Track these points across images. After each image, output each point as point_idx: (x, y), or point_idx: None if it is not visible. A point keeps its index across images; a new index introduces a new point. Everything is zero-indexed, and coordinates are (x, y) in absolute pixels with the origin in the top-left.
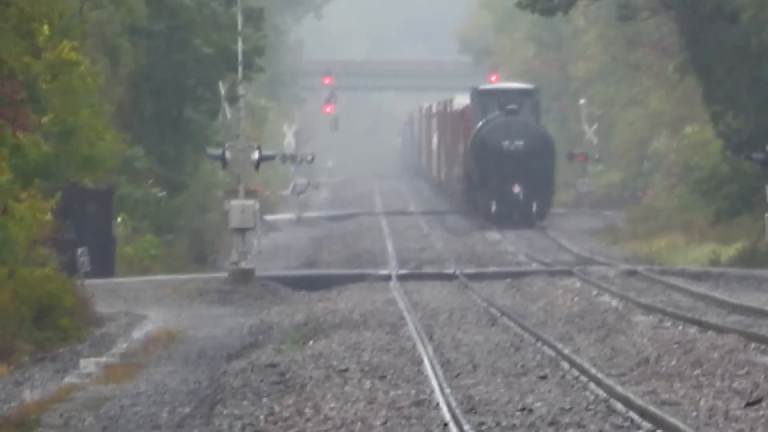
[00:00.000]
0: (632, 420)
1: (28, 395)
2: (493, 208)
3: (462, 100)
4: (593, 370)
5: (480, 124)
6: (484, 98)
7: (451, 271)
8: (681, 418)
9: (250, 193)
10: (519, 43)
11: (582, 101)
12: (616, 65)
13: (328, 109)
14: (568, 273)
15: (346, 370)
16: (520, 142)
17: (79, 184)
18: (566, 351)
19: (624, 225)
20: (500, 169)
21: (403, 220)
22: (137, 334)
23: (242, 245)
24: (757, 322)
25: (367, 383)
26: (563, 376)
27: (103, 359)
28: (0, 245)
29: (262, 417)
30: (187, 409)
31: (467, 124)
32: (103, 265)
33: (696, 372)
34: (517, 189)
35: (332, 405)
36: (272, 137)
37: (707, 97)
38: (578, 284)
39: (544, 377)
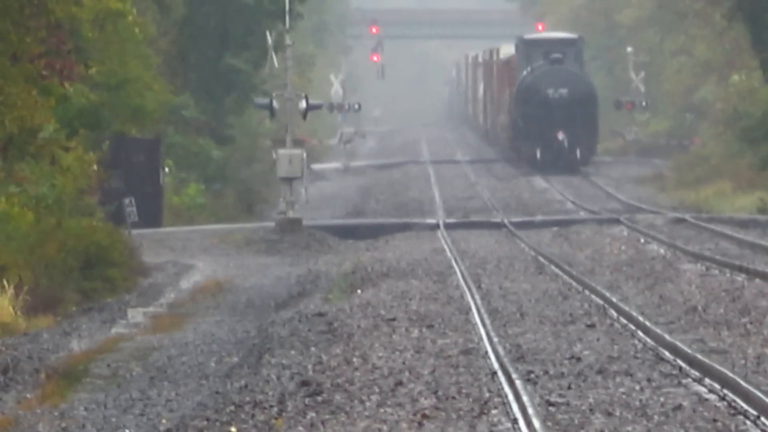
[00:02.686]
0: (680, 368)
1: (76, 345)
2: (538, 154)
3: (507, 50)
4: (641, 319)
5: (525, 72)
6: (528, 47)
7: (498, 219)
8: (729, 366)
9: (297, 143)
10: None
11: (629, 49)
12: (663, 12)
13: (374, 58)
14: (616, 221)
15: (394, 319)
16: (564, 90)
17: (127, 134)
18: (614, 299)
19: (671, 173)
20: (545, 117)
21: (449, 169)
22: (185, 283)
23: (289, 194)
24: None
25: (415, 332)
26: (611, 325)
27: (151, 309)
28: (48, 195)
29: (310, 366)
30: (235, 359)
31: (512, 72)
32: (151, 215)
33: (744, 320)
34: (561, 136)
35: (380, 354)
36: (319, 86)
37: (755, 44)
38: (626, 232)
39: (591, 326)
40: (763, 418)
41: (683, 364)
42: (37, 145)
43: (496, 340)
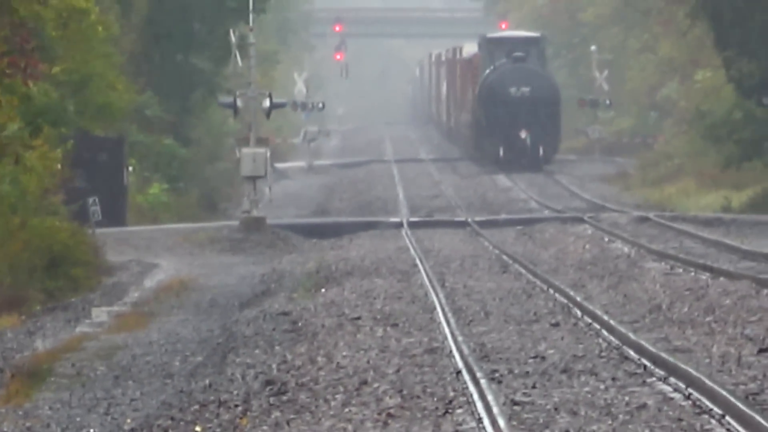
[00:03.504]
0: (645, 367)
1: (40, 344)
2: (501, 153)
3: (470, 48)
4: (605, 317)
5: (488, 71)
6: (491, 46)
7: (462, 218)
8: (693, 365)
9: (261, 141)
10: None
11: (592, 47)
12: (626, 10)
13: (338, 57)
14: (580, 220)
15: (359, 318)
16: (526, 89)
17: (91, 132)
18: (578, 298)
19: (635, 171)
20: (507, 115)
21: (413, 167)
22: (149, 282)
23: (253, 193)
24: None
25: (380, 331)
26: (575, 324)
27: (115, 308)
28: (11, 193)
29: (274, 365)
30: (199, 358)
31: (475, 71)
32: (114, 214)
33: (708, 318)
34: (524, 134)
35: (345, 353)
36: (283, 85)
37: (718, 43)
38: (590, 231)
39: (556, 324)
40: (728, 417)
41: (648, 363)
42: (1, 143)
43: (460, 339)
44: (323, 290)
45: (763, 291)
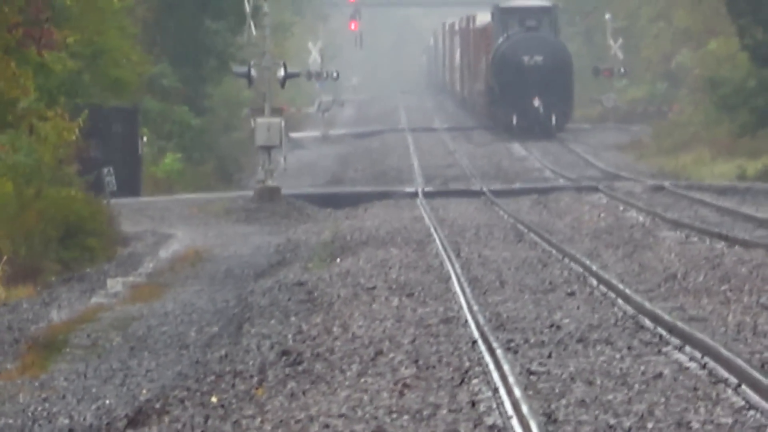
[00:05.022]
0: (661, 336)
1: (56, 315)
2: (514, 120)
3: (484, 17)
4: (621, 286)
5: (500, 40)
6: (504, 15)
7: (477, 187)
8: (709, 334)
9: (275, 111)
10: None
11: (607, 15)
12: None
13: (352, 26)
14: (595, 189)
15: (374, 288)
16: (539, 57)
17: (105, 104)
18: (594, 267)
19: (650, 140)
20: (520, 83)
21: (428, 137)
22: (164, 253)
23: (268, 163)
24: None
25: (395, 301)
26: (591, 293)
27: (130, 279)
28: (26, 165)
29: (290, 336)
30: (215, 329)
31: (489, 40)
32: (129, 185)
33: (724, 287)
34: (536, 102)
35: (360, 323)
36: (297, 54)
37: (732, 11)
38: (605, 200)
39: (571, 294)
40: (744, 386)
41: (663, 332)
42: (16, 115)
43: (476, 308)
44: (338, 260)
45: None
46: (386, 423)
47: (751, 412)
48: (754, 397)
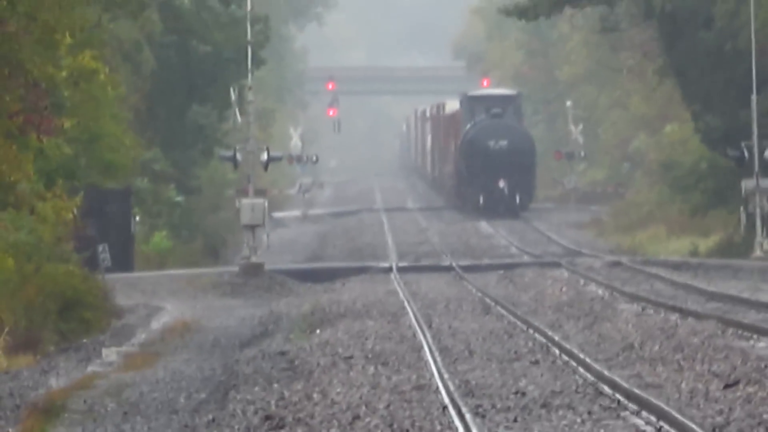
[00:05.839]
0: (619, 402)
1: (54, 383)
2: (481, 201)
3: (453, 105)
4: (581, 355)
5: (468, 126)
6: (472, 103)
7: (447, 263)
8: (664, 400)
9: (259, 192)
10: (508, 50)
11: (568, 103)
12: (599, 69)
13: (330, 113)
14: (557, 264)
15: (351, 357)
16: (504, 142)
17: (100, 185)
18: (556, 337)
19: (608, 219)
20: (486, 166)
21: (401, 216)
22: (155, 324)
23: (252, 241)
24: (734, 308)
25: (371, 369)
26: (554, 361)
27: (124, 348)
28: (27, 243)
29: (273, 402)
30: (203, 395)
31: (457, 126)
32: (123, 261)
33: (677, 356)
34: (501, 184)
35: (338, 390)
36: (279, 139)
37: (685, 98)
38: (566, 275)
39: (535, 362)
40: None
41: (621, 398)
42: (17, 196)
43: (446, 376)
44: (318, 331)
45: (728, 330)
46: None
47: None
48: None
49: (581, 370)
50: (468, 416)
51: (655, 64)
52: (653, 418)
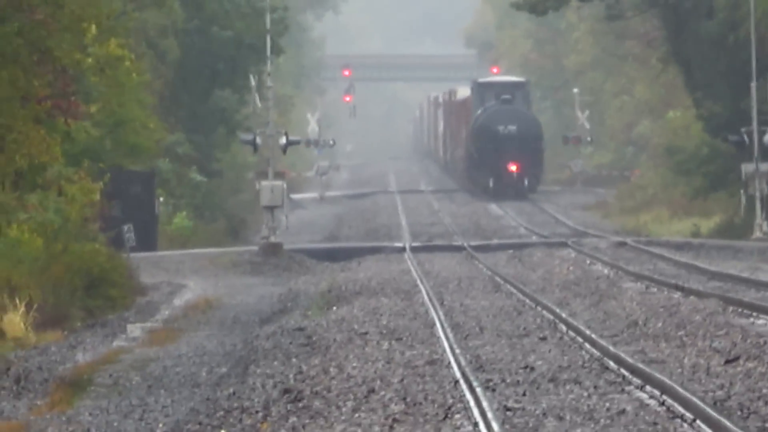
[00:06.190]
0: (623, 376)
1: (81, 357)
2: (491, 183)
3: (464, 91)
4: (588, 332)
5: (479, 111)
6: (482, 90)
7: (458, 243)
8: (667, 375)
9: (278, 175)
10: (518, 39)
11: (575, 90)
12: (605, 57)
13: (347, 99)
14: (564, 244)
15: (366, 333)
16: (513, 127)
17: (125, 167)
18: (563, 315)
19: (613, 201)
20: (496, 150)
21: (414, 198)
22: (178, 301)
23: (271, 221)
24: (734, 287)
25: (385, 345)
26: (561, 338)
27: (148, 324)
28: (54, 220)
29: (291, 376)
30: (224, 369)
31: (468, 111)
32: (147, 240)
33: (680, 333)
34: (510, 167)
35: (354, 365)
36: (297, 124)
37: (688, 85)
38: (573, 254)
39: (543, 338)
40: (698, 421)
41: (626, 373)
42: (46, 178)
43: (458, 351)
44: (334, 308)
45: (729, 308)
46: None
47: None
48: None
49: (587, 346)
50: (479, 390)
51: (658, 52)
52: (657, 392)
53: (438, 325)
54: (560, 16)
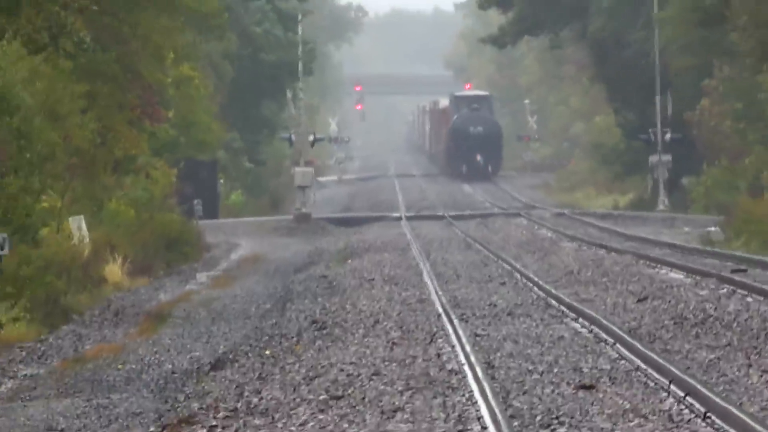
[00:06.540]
0: (562, 311)
1: (162, 297)
2: (464, 170)
3: (444, 102)
4: (536, 279)
5: (455, 117)
6: (458, 101)
7: (440, 213)
8: (594, 310)
9: (307, 163)
10: (484, 64)
11: (526, 101)
12: (548, 77)
13: (358, 107)
14: (518, 214)
15: (373, 279)
16: (480, 128)
17: (195, 158)
18: (518, 266)
19: (554, 183)
20: (468, 145)
21: (408, 180)
22: (234, 256)
23: (303, 197)
24: (644, 246)
25: (387, 288)
26: (516, 283)
27: (212, 273)
28: (143, 198)
29: (317, 311)
30: (268, 306)
31: (448, 117)
32: (211, 211)
33: (604, 279)
34: (478, 157)
35: (364, 302)
36: (321, 126)
37: (609, 98)
38: (525, 222)
39: (503, 283)
40: (617, 345)
41: (564, 309)
42: (136, 165)
43: (440, 293)
44: (349, 261)
45: (640, 261)
46: (381, 368)
47: (623, 362)
48: (625, 352)
49: (536, 289)
50: (455, 321)
51: (588, 73)
52: (587, 323)
53: (425, 273)
54: (516, 47)
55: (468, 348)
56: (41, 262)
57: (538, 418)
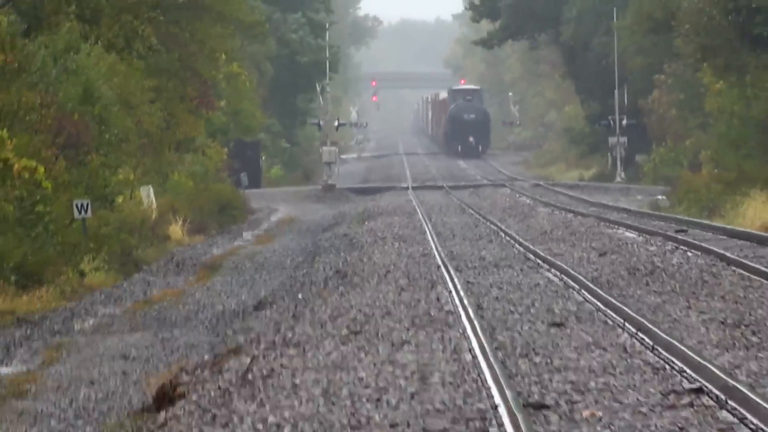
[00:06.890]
0: (538, 264)
1: (215, 251)
2: (459, 149)
3: (443, 94)
4: (517, 237)
5: (452, 106)
6: (454, 93)
7: (440, 184)
8: (564, 262)
9: (333, 143)
10: (476, 63)
11: (510, 93)
12: (528, 74)
13: (374, 99)
14: (503, 185)
15: (385, 237)
16: (472, 115)
17: (242, 139)
18: (502, 227)
19: (532, 160)
20: (462, 129)
21: (414, 158)
22: (273, 218)
23: (329, 171)
24: (604, 211)
25: (396, 244)
26: (501, 240)
27: (255, 232)
28: (199, 172)
29: (340, 263)
30: (300, 259)
31: (446, 106)
32: (255, 182)
33: (572, 237)
34: (471, 139)
35: (378, 256)
36: (344, 114)
37: (577, 91)
38: (508, 191)
39: (491, 241)
40: (582, 291)
41: (540, 261)
42: (195, 145)
43: (440, 249)
44: (366, 223)
45: (601, 223)
46: (392, 309)
47: (587, 305)
48: (589, 297)
49: (517, 245)
50: (452, 271)
51: (560, 71)
52: (558, 273)
53: (428, 233)
54: (502, 49)
55: (462, 293)
56: (117, 223)
57: (518, 349)
